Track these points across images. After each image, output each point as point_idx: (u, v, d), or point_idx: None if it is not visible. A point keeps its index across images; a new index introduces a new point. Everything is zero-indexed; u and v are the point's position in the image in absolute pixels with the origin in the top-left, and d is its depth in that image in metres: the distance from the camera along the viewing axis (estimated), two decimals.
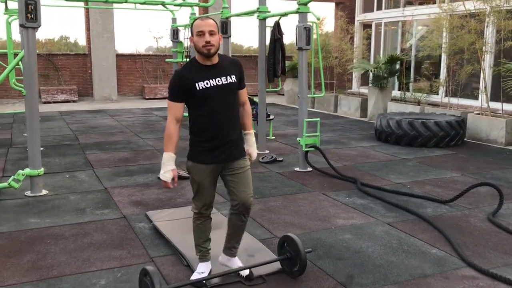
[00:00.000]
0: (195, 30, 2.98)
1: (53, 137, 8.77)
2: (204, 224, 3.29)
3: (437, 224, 4.42)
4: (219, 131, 3.08)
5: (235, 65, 3.19)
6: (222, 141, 3.09)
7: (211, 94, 3.03)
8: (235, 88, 3.17)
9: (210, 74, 3.04)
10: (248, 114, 3.33)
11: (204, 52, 2.98)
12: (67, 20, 15.41)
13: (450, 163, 6.95)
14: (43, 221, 4.49)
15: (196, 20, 3.04)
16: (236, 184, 3.17)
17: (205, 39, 2.94)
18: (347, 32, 12.98)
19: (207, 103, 3.03)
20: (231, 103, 3.15)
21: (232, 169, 3.16)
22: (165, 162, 3.06)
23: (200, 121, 3.08)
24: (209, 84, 3.02)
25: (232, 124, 3.15)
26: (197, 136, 3.11)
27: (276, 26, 7.29)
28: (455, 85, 10.26)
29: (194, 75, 3.02)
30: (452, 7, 9.45)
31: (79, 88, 15.58)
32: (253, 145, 3.34)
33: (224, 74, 3.08)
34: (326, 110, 12.99)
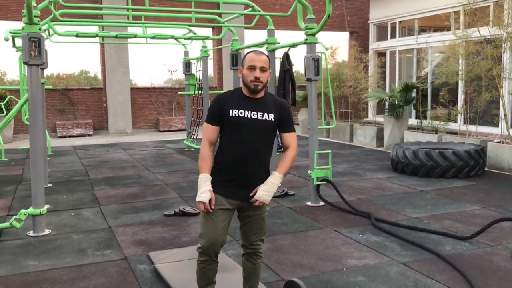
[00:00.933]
0: (247, 64, 2.96)
1: (63, 173, 8.71)
2: (209, 268, 3.08)
3: (457, 263, 4.12)
4: (243, 166, 2.97)
5: (278, 105, 3.07)
6: (245, 177, 2.99)
7: (243, 124, 2.95)
8: (272, 128, 3.03)
9: (248, 105, 2.98)
10: (286, 158, 3.06)
11: (251, 87, 2.96)
12: (86, 55, 15.63)
13: (470, 195, 6.63)
14: (41, 264, 4.32)
15: (249, 53, 3.00)
16: (250, 228, 3.11)
17: (255, 74, 2.92)
18: (361, 61, 12.85)
19: (237, 132, 2.96)
20: (264, 142, 3.03)
21: (249, 212, 3.06)
22: (202, 183, 2.95)
23: (226, 149, 3.02)
24: (243, 114, 2.95)
25: (259, 162, 3.03)
26: (219, 164, 3.04)
27: (286, 57, 7.19)
28: (473, 113, 9.96)
29: (232, 101, 2.99)
30: (467, 34, 9.25)
31: (94, 122, 15.68)
32: (266, 184, 2.97)
33: (262, 110, 2.99)
34: (342, 140, 12.76)
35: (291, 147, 3.09)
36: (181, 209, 5.87)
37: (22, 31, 4.95)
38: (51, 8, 6.18)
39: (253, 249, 3.16)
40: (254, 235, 3.11)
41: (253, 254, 3.17)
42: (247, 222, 3.09)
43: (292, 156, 3.09)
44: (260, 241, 3.15)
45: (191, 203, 6.36)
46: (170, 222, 5.57)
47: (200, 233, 3.05)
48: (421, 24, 13.33)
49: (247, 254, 3.19)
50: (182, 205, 6.21)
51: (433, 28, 13.07)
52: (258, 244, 3.15)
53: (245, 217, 3.09)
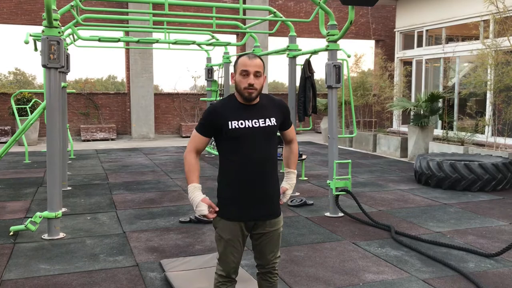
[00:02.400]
0: (239, 68, 2.68)
1: (84, 176, 8.75)
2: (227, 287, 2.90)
3: (481, 282, 3.91)
4: (252, 181, 2.71)
5: (278, 106, 2.85)
6: (256, 193, 2.73)
7: (245, 135, 2.68)
8: (275, 132, 2.81)
9: (247, 114, 2.72)
10: (294, 153, 3.02)
11: (245, 95, 2.69)
12: (114, 60, 15.85)
13: (497, 210, 6.36)
14: (53, 268, 4.28)
15: (242, 57, 2.71)
16: (264, 246, 2.85)
17: (249, 81, 2.66)
18: (386, 69, 12.62)
19: (240, 146, 2.69)
20: (268, 149, 2.77)
21: (264, 229, 2.81)
22: (192, 196, 2.71)
23: (231, 167, 2.72)
24: (243, 124, 2.69)
25: (268, 174, 2.77)
26: (226, 185, 2.75)
27: (307, 64, 7.07)
28: (501, 124, 9.64)
29: (229, 112, 2.71)
30: (496, 43, 8.97)
31: (118, 126, 15.81)
32: (291, 185, 2.97)
33: (263, 116, 2.75)
34: (365, 150, 12.53)
35: (294, 140, 3.04)
36: (196, 216, 5.79)
37: (42, 34, 4.97)
38: (73, 13, 6.22)
39: (270, 268, 2.93)
40: (271, 253, 2.87)
41: (269, 273, 2.94)
42: (262, 240, 2.83)
43: (297, 149, 3.07)
44: (277, 259, 2.93)
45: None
46: (185, 229, 5.49)
47: (219, 258, 2.85)
48: (448, 33, 13.04)
49: (263, 273, 2.95)
50: None
51: (460, 37, 12.78)
52: (275, 262, 2.93)
53: (261, 235, 2.82)
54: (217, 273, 2.88)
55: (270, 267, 2.92)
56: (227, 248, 2.77)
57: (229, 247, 2.77)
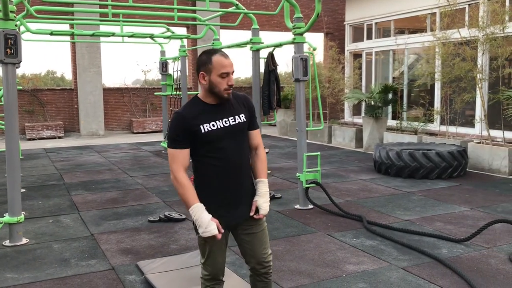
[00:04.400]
0: (220, 70, 2.54)
1: (36, 177, 8.31)
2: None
3: (457, 267, 4.05)
4: (230, 183, 2.63)
5: (243, 102, 2.77)
6: (235, 195, 2.66)
7: (219, 137, 2.59)
8: (245, 129, 2.72)
9: (216, 114, 2.62)
10: (262, 159, 2.81)
11: (224, 96, 2.59)
12: (54, 54, 15.06)
13: (457, 196, 6.63)
14: (21, 276, 4.03)
15: (216, 57, 2.56)
16: (253, 245, 2.76)
17: (230, 81, 2.58)
18: (339, 62, 12.83)
19: (214, 148, 2.59)
20: (242, 147, 2.70)
21: (249, 227, 2.74)
22: (199, 217, 2.53)
23: (207, 171, 2.62)
24: (215, 125, 2.59)
25: (245, 173, 2.71)
26: (204, 190, 2.63)
27: (270, 57, 7.03)
28: (452, 114, 10.05)
29: (197, 115, 2.58)
30: (446, 35, 9.31)
31: (65, 123, 15.16)
32: (264, 196, 2.74)
33: (232, 114, 2.66)
34: (320, 141, 12.69)
35: (261, 145, 2.84)
36: (166, 215, 5.64)
37: None
38: (26, 4, 5.84)
39: (265, 268, 2.80)
40: (262, 250, 2.77)
41: (265, 274, 2.82)
42: (250, 240, 2.76)
43: (265, 156, 2.86)
44: (270, 256, 2.83)
45: (175, 208, 6.13)
46: (156, 228, 5.33)
47: (204, 262, 2.74)
48: (397, 26, 13.42)
49: (258, 275, 2.82)
50: (166, 210, 5.97)
51: (410, 29, 13.19)
52: (269, 261, 2.81)
53: (246, 234, 2.75)
54: (204, 278, 2.78)
55: (266, 267, 2.81)
56: (212, 251, 2.69)
57: (214, 249, 2.68)
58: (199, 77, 2.61)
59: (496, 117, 9.42)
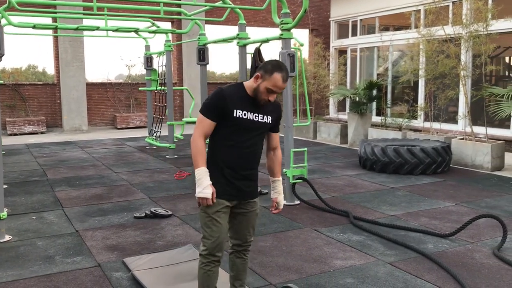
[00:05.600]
0: (270, 85, 2.80)
1: (19, 173, 8.18)
2: (213, 270, 2.96)
3: (442, 262, 4.09)
4: (242, 165, 2.92)
5: (275, 108, 3.04)
6: (244, 175, 2.94)
7: (245, 126, 2.87)
8: (268, 129, 3.03)
9: (251, 107, 2.88)
10: (279, 160, 3.17)
11: (260, 102, 2.87)
12: (35, 48, 14.76)
13: (441, 192, 6.70)
14: (5, 274, 3.95)
15: (277, 75, 2.79)
16: (241, 224, 3.04)
17: (272, 98, 2.86)
18: (324, 58, 12.86)
19: (239, 133, 2.88)
20: (259, 142, 2.99)
21: (245, 208, 3.01)
22: (201, 178, 2.80)
23: (227, 149, 2.90)
24: (246, 115, 2.86)
25: (256, 162, 3.01)
26: (215, 166, 2.90)
27: (257, 52, 7.00)
28: (436, 110, 10.15)
29: (236, 100, 2.84)
30: (431, 32, 9.39)
31: (48, 119, 14.94)
32: (281, 193, 3.16)
33: (263, 113, 2.93)
34: (305, 137, 12.73)
35: (278, 147, 3.18)
36: (152, 211, 5.59)
37: None
38: None
39: (245, 246, 3.11)
40: (247, 232, 3.06)
41: (244, 251, 3.13)
42: (242, 220, 3.02)
43: (281, 157, 3.23)
44: (252, 237, 3.12)
45: (161, 204, 6.09)
46: (141, 224, 5.28)
47: (203, 236, 2.92)
48: (382, 23, 13.49)
49: (238, 251, 3.12)
50: (152, 207, 5.93)
51: (395, 26, 13.27)
52: (249, 243, 3.11)
53: (239, 214, 3.01)
54: (201, 254, 2.95)
55: (247, 245, 3.09)
56: (212, 222, 2.88)
57: (214, 220, 2.88)
58: (256, 75, 2.87)
59: (479, 114, 9.55)
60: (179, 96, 16.59)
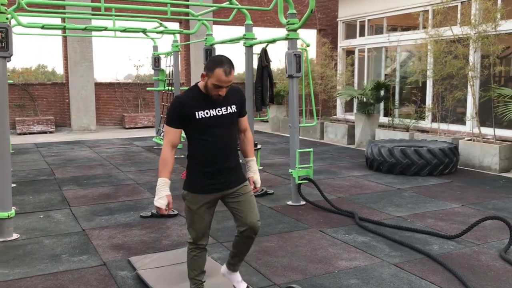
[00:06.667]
0: (214, 81, 2.91)
1: (27, 172, 8.25)
2: (199, 255, 3.21)
3: (448, 264, 4.08)
4: (218, 160, 3.06)
5: (235, 94, 3.15)
6: (221, 169, 3.07)
7: (211, 123, 3.00)
8: (235, 118, 3.15)
9: (211, 104, 3.01)
10: (250, 140, 3.33)
11: (213, 98, 2.99)
12: (45, 48, 14.92)
13: (448, 193, 6.66)
14: (12, 272, 4.00)
15: (219, 70, 2.89)
16: (241, 211, 3.14)
17: (220, 92, 2.97)
18: (331, 58, 12.83)
19: (207, 132, 3.01)
20: (231, 132, 3.12)
21: (235, 195, 3.13)
22: (160, 188, 2.98)
23: (199, 149, 3.05)
24: (209, 113, 2.99)
25: (232, 153, 3.14)
26: (194, 162, 3.08)
27: (264, 53, 7.02)
28: (444, 111, 10.10)
29: (194, 103, 2.98)
30: (439, 33, 9.34)
31: (56, 118, 15.05)
32: (256, 172, 3.31)
33: (225, 105, 3.06)
34: (312, 138, 12.72)
35: (248, 129, 3.33)
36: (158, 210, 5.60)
37: None
38: None
39: (255, 230, 3.15)
40: (249, 216, 3.12)
41: (251, 237, 3.19)
42: (238, 207, 3.13)
43: (252, 137, 3.37)
44: (259, 221, 3.18)
45: None
46: (148, 224, 5.31)
47: (188, 226, 3.16)
48: (390, 23, 13.44)
49: (245, 237, 3.17)
50: None
51: (402, 26, 13.21)
52: (258, 229, 3.17)
53: (235, 202, 3.14)
54: (188, 241, 3.21)
55: (256, 230, 3.15)
56: (194, 217, 3.09)
57: (196, 215, 3.08)
58: (202, 74, 2.98)
59: (487, 115, 9.48)
60: None
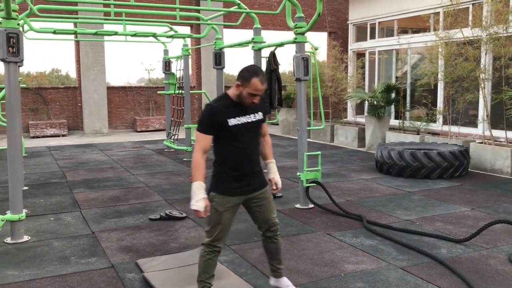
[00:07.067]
0: (250, 90, 3.09)
1: (39, 175, 8.36)
2: (213, 259, 3.30)
3: (456, 268, 4.05)
4: (246, 164, 3.25)
5: (261, 101, 3.32)
6: (248, 173, 3.26)
7: (242, 130, 3.18)
8: (261, 125, 3.35)
9: (242, 111, 3.19)
10: (269, 144, 3.53)
11: (246, 105, 3.18)
12: (59, 52, 15.14)
13: (458, 196, 6.62)
14: (22, 273, 4.06)
15: (255, 79, 3.08)
16: (261, 213, 3.37)
17: (255, 100, 3.16)
18: (342, 61, 12.82)
19: (238, 138, 3.18)
20: (256, 138, 3.35)
21: (258, 199, 3.33)
22: (196, 191, 3.08)
23: (230, 154, 3.21)
24: (240, 121, 3.17)
25: (257, 157, 3.36)
26: (224, 167, 3.24)
27: (272, 56, 7.04)
28: (455, 113, 10.03)
29: (226, 111, 3.14)
30: (449, 35, 9.29)
31: (69, 122, 15.22)
32: (276, 173, 3.50)
33: (253, 112, 3.25)
34: (323, 140, 12.70)
35: (267, 133, 3.54)
36: (167, 213, 5.66)
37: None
38: (29, 3, 5.88)
39: (274, 229, 3.44)
40: (270, 214, 3.38)
41: (274, 236, 3.47)
42: (259, 210, 3.35)
43: (270, 141, 3.57)
44: (276, 217, 3.43)
45: (176, 206, 6.16)
46: (156, 226, 5.35)
47: (208, 229, 3.25)
48: (400, 25, 13.39)
49: (268, 237, 3.46)
50: (167, 209, 6.00)
51: (413, 29, 13.15)
52: (276, 224, 3.43)
53: (256, 205, 3.34)
54: (204, 243, 3.28)
55: (275, 228, 3.43)
56: (220, 218, 3.21)
57: (222, 216, 3.21)
58: (236, 84, 3.16)
59: (499, 117, 9.39)
60: (197, 99, 16.73)
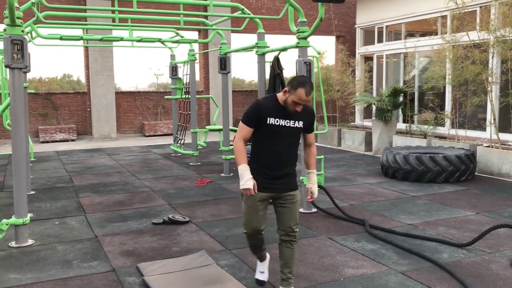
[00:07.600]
0: (296, 99, 3.28)
1: (47, 179, 8.45)
2: (257, 243, 3.63)
3: (456, 272, 4.02)
4: (277, 165, 3.42)
5: (307, 113, 3.49)
6: (280, 173, 3.43)
7: (278, 131, 3.38)
8: (300, 132, 3.50)
9: (283, 114, 3.38)
10: (313, 154, 3.69)
11: (290, 112, 3.36)
12: (69, 58, 15.30)
13: (463, 200, 6.57)
14: (24, 277, 4.11)
15: (301, 89, 3.26)
16: (284, 215, 3.50)
17: (298, 108, 3.34)
18: (349, 65, 12.80)
19: (272, 138, 3.39)
20: (293, 143, 3.47)
21: (284, 200, 3.48)
22: (243, 172, 3.30)
23: (264, 151, 3.43)
24: (278, 122, 3.37)
25: (290, 160, 3.50)
26: (257, 162, 3.44)
27: (276, 61, 7.06)
28: (462, 117, 9.96)
29: (270, 110, 3.37)
30: (456, 38, 9.25)
31: (78, 126, 15.37)
32: (315, 184, 3.62)
33: (294, 119, 3.41)
34: (330, 144, 12.68)
35: (313, 144, 3.72)
36: (170, 217, 5.69)
37: (4, 33, 4.74)
38: (34, 10, 5.97)
39: (292, 235, 3.53)
40: (291, 220, 3.50)
41: (291, 241, 3.55)
42: (283, 211, 3.49)
43: (316, 152, 3.74)
44: (296, 226, 3.54)
45: (180, 211, 6.19)
46: (159, 231, 5.39)
47: (244, 222, 3.56)
48: (408, 29, 13.35)
49: (285, 241, 3.55)
50: (170, 213, 6.03)
51: (420, 32, 13.10)
52: (295, 231, 3.54)
53: (282, 206, 3.49)
54: (244, 231, 3.64)
55: (293, 234, 3.53)
56: (248, 213, 3.49)
57: (251, 209, 3.45)
58: (284, 90, 3.38)
59: (506, 121, 9.32)
60: (206, 104, 16.80)
